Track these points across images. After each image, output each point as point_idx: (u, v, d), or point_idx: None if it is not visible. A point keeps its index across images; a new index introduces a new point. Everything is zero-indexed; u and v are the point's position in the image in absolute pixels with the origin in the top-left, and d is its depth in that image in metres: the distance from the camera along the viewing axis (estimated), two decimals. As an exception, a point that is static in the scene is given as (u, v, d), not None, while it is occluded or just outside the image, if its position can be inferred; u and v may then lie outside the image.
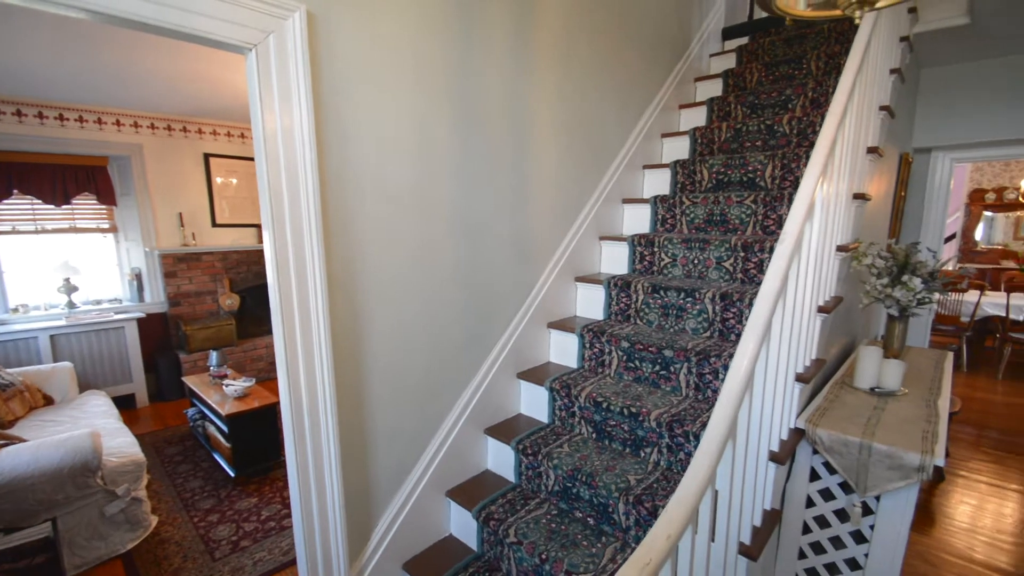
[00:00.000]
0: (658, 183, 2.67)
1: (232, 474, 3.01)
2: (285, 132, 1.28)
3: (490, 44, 1.87)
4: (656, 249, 2.32)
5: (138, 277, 4.44)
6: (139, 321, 4.28)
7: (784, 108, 2.51)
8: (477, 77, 1.84)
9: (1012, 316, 5.11)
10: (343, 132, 1.48)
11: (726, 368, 1.76)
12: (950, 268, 6.58)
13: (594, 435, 1.98)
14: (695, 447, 1.44)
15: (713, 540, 1.19)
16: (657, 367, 1.97)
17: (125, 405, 4.26)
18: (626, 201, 2.59)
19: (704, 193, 2.35)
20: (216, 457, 3.24)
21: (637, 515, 1.59)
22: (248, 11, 1.21)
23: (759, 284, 1.92)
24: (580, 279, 2.38)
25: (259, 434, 3.06)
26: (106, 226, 4.36)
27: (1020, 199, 6.50)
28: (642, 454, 1.83)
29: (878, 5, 0.75)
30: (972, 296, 5.28)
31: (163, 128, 4.40)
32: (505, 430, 2.07)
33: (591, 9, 2.28)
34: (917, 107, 3.45)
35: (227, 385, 3.23)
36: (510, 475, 2.04)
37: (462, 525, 1.95)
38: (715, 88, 2.96)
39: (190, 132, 4.57)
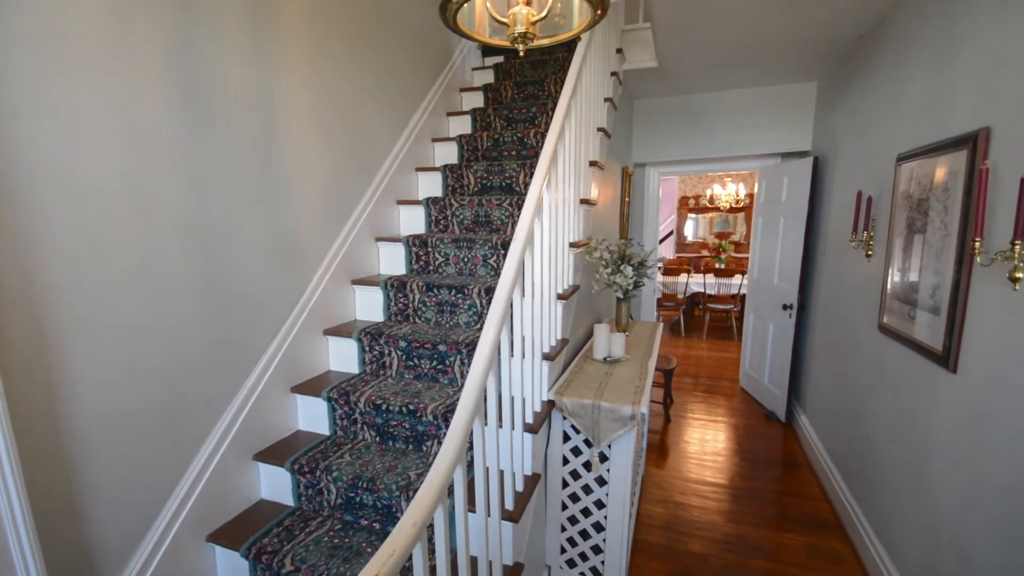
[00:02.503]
0: (431, 185, 2.78)
1: None
2: None
3: (221, 30, 1.68)
4: (430, 249, 2.42)
5: None
6: None
7: (532, 123, 2.87)
8: (208, 63, 1.63)
9: (709, 291, 6.83)
10: (6, 110, 1.15)
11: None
12: (660, 257, 8.45)
13: (377, 439, 1.96)
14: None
15: (474, 511, 1.30)
16: (434, 362, 2.06)
17: None
18: (401, 202, 2.63)
19: (471, 196, 2.54)
20: None
21: (417, 508, 1.63)
22: None
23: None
24: (357, 281, 2.33)
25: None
26: None
27: (708, 204, 8.72)
28: (424, 448, 1.89)
29: (533, 44, 0.93)
30: (684, 278, 6.88)
31: None
32: (279, 451, 1.90)
33: (341, 11, 2.23)
34: (633, 130, 4.34)
35: None
36: (288, 499, 1.89)
37: (232, 569, 1.72)
38: (478, 100, 3.23)
39: None
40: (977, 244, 1.48)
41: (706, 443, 3.69)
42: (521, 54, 0.94)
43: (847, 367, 2.77)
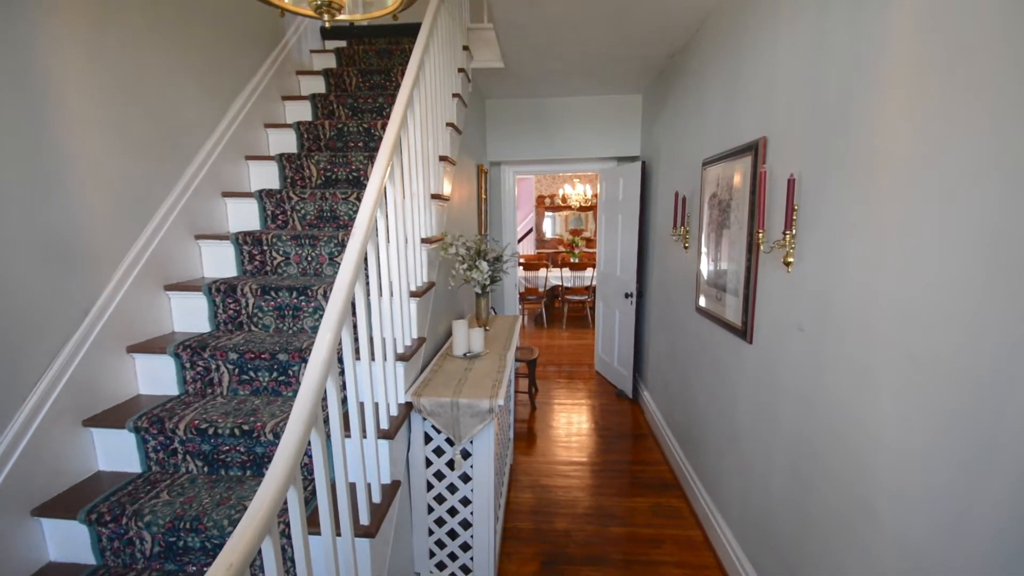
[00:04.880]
0: (266, 176, 2.49)
1: None
2: None
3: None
4: (266, 248, 2.16)
5: None
6: None
7: (379, 114, 2.74)
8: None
9: (566, 284, 7.29)
10: None
11: (341, 361, 1.79)
12: (514, 252, 8.86)
13: (205, 469, 1.69)
14: (306, 448, 1.41)
15: (319, 534, 1.18)
16: (275, 373, 1.84)
17: None
18: (227, 195, 2.30)
19: (314, 189, 2.33)
20: None
21: (256, 540, 1.44)
22: None
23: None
24: (173, 287, 1.98)
25: None
26: None
27: (562, 203, 9.32)
28: (265, 472, 1.68)
29: (343, 18, 0.86)
30: (544, 272, 7.25)
31: None
32: (69, 502, 1.53)
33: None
34: (487, 129, 4.42)
35: None
36: (87, 557, 1.53)
37: (-2, 663, 1.34)
38: (318, 85, 2.98)
39: None
40: (760, 235, 1.77)
41: (569, 426, 3.93)
42: (327, 26, 0.86)
43: (675, 345, 3.15)
